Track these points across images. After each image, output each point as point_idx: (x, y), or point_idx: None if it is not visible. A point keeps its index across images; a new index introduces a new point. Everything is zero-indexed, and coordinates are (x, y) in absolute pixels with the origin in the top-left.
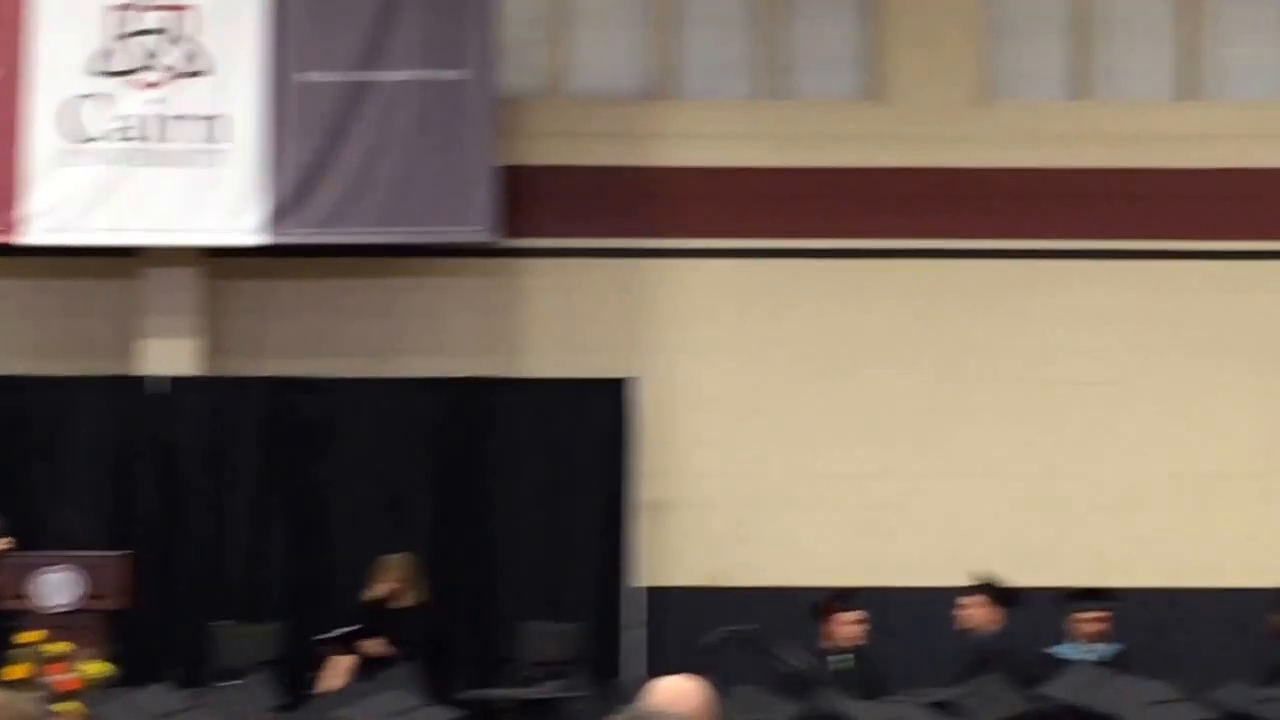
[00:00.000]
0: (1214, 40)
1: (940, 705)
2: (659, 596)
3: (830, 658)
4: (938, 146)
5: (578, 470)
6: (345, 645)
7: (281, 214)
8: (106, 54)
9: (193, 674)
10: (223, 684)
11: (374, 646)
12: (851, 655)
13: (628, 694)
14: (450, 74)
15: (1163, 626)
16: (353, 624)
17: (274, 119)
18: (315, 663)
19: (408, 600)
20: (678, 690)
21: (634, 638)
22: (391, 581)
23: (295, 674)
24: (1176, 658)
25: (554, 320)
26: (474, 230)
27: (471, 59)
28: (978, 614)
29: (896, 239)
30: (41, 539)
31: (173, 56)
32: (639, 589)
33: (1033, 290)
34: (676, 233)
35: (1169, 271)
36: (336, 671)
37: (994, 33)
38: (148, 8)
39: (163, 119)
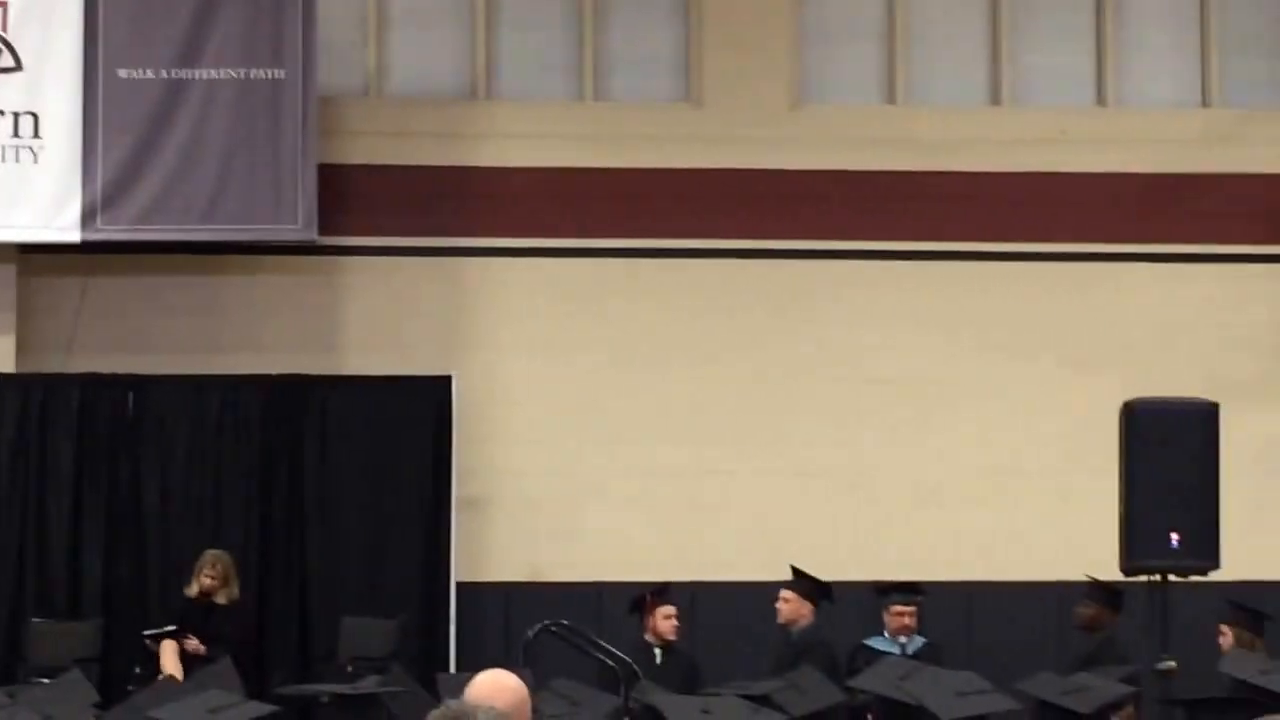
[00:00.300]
0: (1022, 48)
1: (755, 698)
2: (478, 592)
3: (654, 651)
4: (752, 148)
5: (398, 467)
6: (173, 638)
7: (98, 211)
8: None
9: (8, 672)
10: (39, 681)
11: (192, 645)
12: (666, 649)
13: (448, 689)
14: (269, 73)
15: (971, 619)
16: (174, 620)
17: (90, 116)
18: (136, 659)
19: (225, 596)
20: (496, 684)
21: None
22: (209, 577)
23: (113, 672)
24: (985, 649)
25: (374, 318)
26: (293, 228)
27: (290, 58)
28: (790, 608)
29: (713, 239)
30: None
31: None
32: (455, 585)
33: (845, 290)
34: (495, 231)
35: (977, 273)
36: (169, 661)
37: (808, 38)
38: None
39: None
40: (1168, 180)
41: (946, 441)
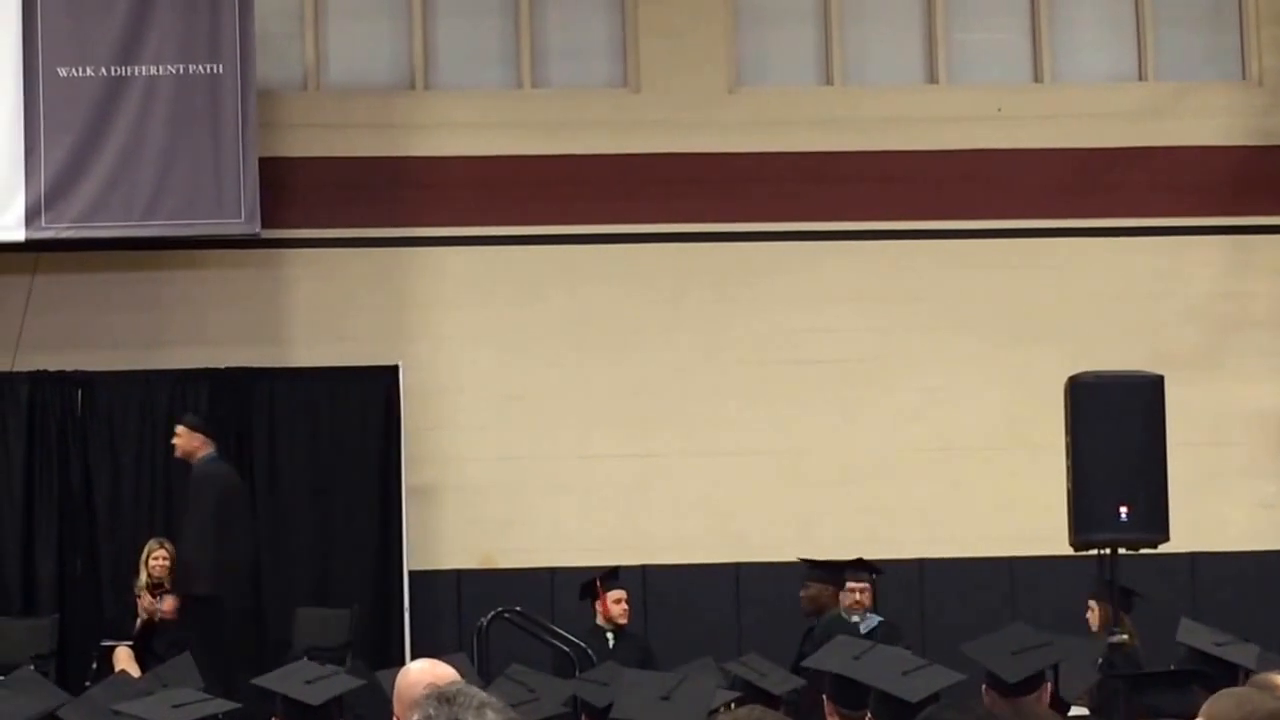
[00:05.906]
0: (957, 26)
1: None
2: (430, 580)
3: (607, 635)
4: (690, 132)
5: (347, 457)
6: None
7: (41, 209)
8: None
9: None
10: None
11: (127, 660)
12: (618, 633)
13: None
14: (207, 68)
15: (922, 595)
16: (124, 613)
17: (31, 115)
18: (93, 656)
19: (170, 581)
20: (433, 672)
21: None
22: (160, 558)
23: (69, 668)
24: (935, 625)
25: (318, 309)
26: (235, 222)
27: (227, 53)
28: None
29: (651, 224)
30: None
31: None
32: (408, 573)
33: (785, 271)
34: (436, 221)
35: (919, 250)
36: (125, 662)
37: (744, 20)
38: None
39: None
40: (1106, 154)
41: (893, 419)
